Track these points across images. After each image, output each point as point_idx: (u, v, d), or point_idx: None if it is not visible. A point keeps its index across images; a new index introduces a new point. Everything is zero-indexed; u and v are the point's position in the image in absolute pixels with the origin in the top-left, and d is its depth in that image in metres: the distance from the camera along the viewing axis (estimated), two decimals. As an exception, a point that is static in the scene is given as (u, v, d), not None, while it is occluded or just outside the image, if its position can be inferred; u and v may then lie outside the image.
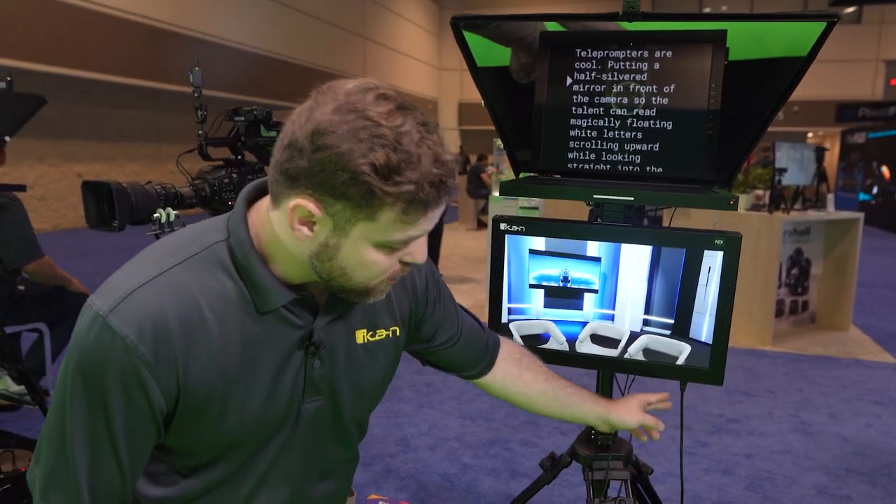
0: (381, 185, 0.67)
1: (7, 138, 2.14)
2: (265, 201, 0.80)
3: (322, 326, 0.85)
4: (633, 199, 1.22)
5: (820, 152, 5.08)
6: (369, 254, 0.74)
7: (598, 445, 1.55)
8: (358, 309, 0.89)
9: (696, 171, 1.43)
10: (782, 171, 4.61)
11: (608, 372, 1.43)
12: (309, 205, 0.71)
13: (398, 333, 0.95)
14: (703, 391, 3.87)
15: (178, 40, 10.74)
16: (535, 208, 2.79)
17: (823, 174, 5.20)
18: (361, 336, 0.89)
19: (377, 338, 0.91)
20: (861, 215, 5.03)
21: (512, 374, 1.16)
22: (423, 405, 3.61)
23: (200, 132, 1.76)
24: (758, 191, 5.06)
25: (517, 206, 4.11)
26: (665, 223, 1.48)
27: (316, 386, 0.86)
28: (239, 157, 1.88)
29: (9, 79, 2.30)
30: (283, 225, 0.76)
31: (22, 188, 2.36)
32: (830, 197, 5.07)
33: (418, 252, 0.78)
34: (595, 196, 1.25)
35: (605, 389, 1.52)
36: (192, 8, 10.91)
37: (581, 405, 1.20)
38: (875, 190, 13.75)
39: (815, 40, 1.14)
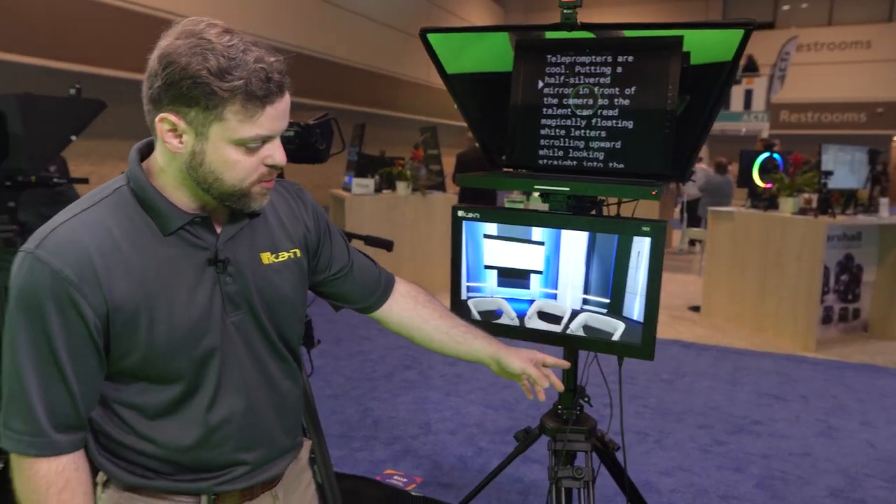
0: (217, 83, 0.85)
1: (73, 137, 2.46)
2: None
3: (225, 245, 0.99)
4: (568, 189, 1.35)
5: (874, 155, 4.93)
6: (230, 153, 0.90)
7: (563, 420, 1.69)
8: (258, 233, 1.04)
9: (654, 167, 1.54)
10: (828, 174, 4.52)
11: (567, 347, 1.57)
12: (170, 116, 0.89)
13: (299, 255, 1.10)
14: (732, 394, 3.86)
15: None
16: (520, 202, 2.95)
17: (878, 177, 5.04)
18: (267, 258, 1.04)
19: (281, 259, 1.06)
20: (918, 220, 4.85)
21: (408, 308, 1.26)
22: (449, 393, 3.78)
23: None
24: (805, 194, 4.96)
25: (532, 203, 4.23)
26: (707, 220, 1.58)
27: (234, 301, 1.00)
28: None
29: (78, 86, 2.63)
30: (162, 148, 0.93)
31: (85, 181, 2.70)
32: (884, 201, 4.90)
33: (276, 154, 0.94)
34: (535, 187, 1.39)
35: (570, 368, 1.65)
36: (253, 13, 11.49)
37: (474, 342, 1.27)
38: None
39: (737, 46, 1.24)
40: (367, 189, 6.12)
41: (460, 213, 1.44)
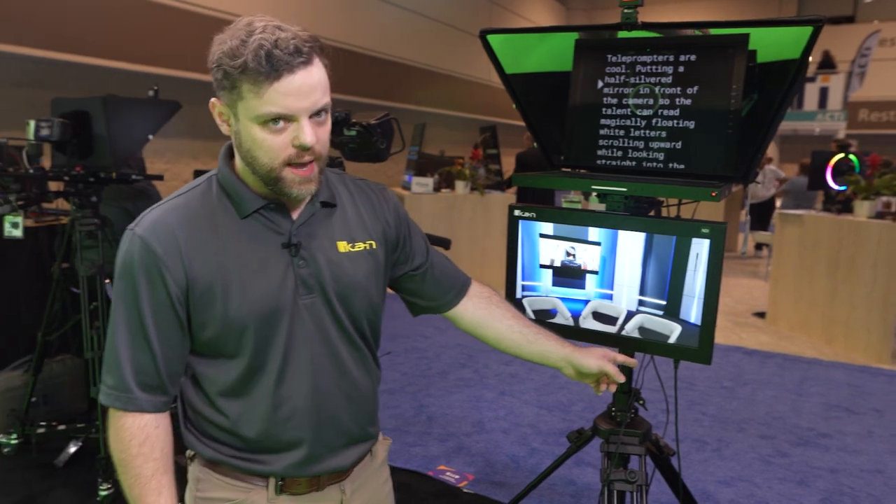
0: (228, 63, 0.92)
1: (150, 136, 2.61)
2: None
3: (299, 230, 1.06)
4: (626, 189, 1.34)
5: (961, 157, 4.63)
6: (255, 131, 0.96)
7: (617, 422, 1.67)
8: (337, 223, 1.11)
9: (716, 168, 1.51)
10: (909, 176, 4.28)
11: (622, 349, 1.56)
12: (216, 101, 0.99)
13: (374, 247, 1.14)
14: (798, 404, 3.71)
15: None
16: (578, 202, 2.91)
17: (966, 181, 4.72)
18: (343, 246, 1.10)
19: (357, 249, 1.12)
20: None
21: (482, 307, 1.28)
22: (504, 393, 3.79)
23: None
24: (884, 198, 4.71)
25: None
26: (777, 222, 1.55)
27: (307, 284, 1.06)
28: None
29: (156, 88, 2.78)
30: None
31: (160, 178, 2.84)
32: (972, 206, 4.60)
33: (300, 134, 0.96)
34: (593, 187, 1.39)
35: (625, 370, 1.64)
36: (319, 14, 11.75)
37: (546, 344, 1.27)
38: None
39: (805, 43, 1.20)
40: (427, 188, 6.19)
41: (517, 213, 1.46)
